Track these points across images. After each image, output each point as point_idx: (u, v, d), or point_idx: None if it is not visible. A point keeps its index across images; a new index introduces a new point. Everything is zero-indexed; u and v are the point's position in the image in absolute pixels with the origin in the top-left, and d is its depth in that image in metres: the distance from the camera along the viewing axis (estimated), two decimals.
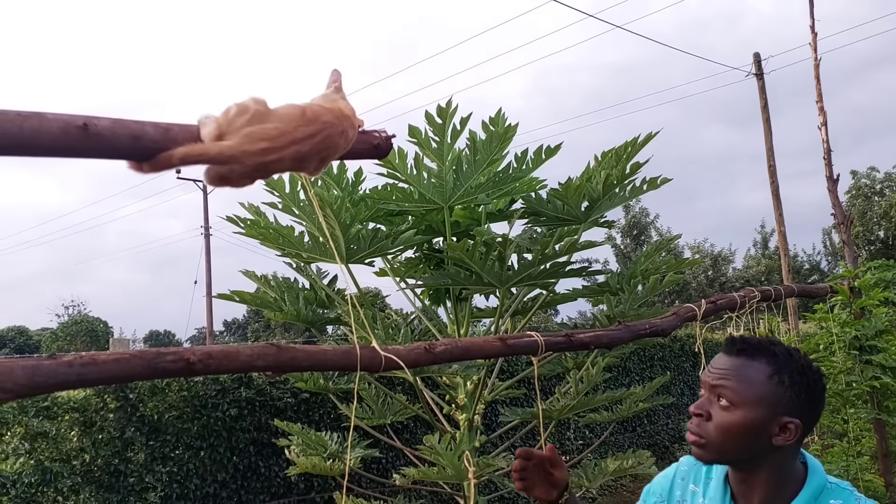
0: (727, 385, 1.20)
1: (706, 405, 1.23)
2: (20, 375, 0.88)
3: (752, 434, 1.18)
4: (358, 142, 1.05)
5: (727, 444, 1.20)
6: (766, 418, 1.17)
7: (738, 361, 1.21)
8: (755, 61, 13.65)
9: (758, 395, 1.18)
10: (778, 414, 1.17)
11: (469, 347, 1.48)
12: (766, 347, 1.22)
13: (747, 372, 1.20)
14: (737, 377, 1.20)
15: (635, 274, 3.45)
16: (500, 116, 3.33)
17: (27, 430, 4.39)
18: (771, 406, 1.17)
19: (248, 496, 5.09)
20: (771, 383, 1.18)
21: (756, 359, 1.20)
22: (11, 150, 0.76)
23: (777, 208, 13.04)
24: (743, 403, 1.18)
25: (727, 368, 1.22)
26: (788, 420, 1.17)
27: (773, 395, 1.17)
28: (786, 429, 1.17)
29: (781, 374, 1.18)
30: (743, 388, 1.19)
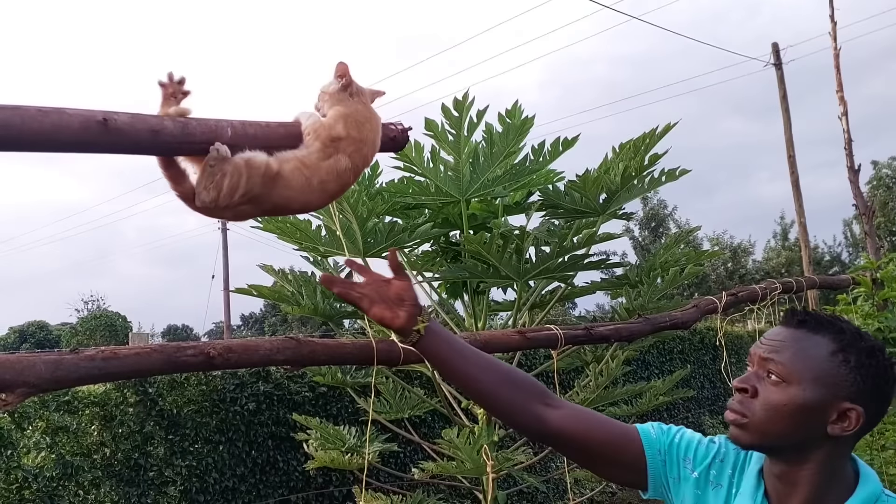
0: (780, 359, 1.04)
1: (753, 380, 1.07)
2: (43, 370, 0.89)
3: (804, 416, 1.03)
4: None
5: (772, 426, 1.04)
6: (823, 400, 1.02)
7: (797, 334, 1.06)
8: (773, 51, 13.50)
9: (816, 373, 1.02)
10: (838, 398, 1.02)
11: (488, 341, 1.47)
12: (833, 322, 1.06)
13: (806, 345, 1.04)
14: (793, 350, 1.04)
15: (654, 266, 3.42)
16: (516, 109, 3.30)
17: (48, 425, 4.44)
18: (831, 387, 1.02)
19: (267, 490, 5.12)
20: (834, 361, 1.02)
21: (819, 333, 1.05)
22: (32, 146, 0.76)
23: (797, 199, 12.91)
24: (797, 380, 1.03)
25: (783, 340, 1.06)
26: (850, 406, 1.01)
27: (835, 375, 1.02)
28: (845, 416, 1.02)
29: (847, 353, 1.03)
30: (799, 362, 1.03)
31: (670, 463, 1.20)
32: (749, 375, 1.09)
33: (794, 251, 26.75)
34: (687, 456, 1.20)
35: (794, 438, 1.04)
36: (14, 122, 0.73)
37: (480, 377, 1.19)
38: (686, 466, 1.19)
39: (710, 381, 9.64)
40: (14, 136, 0.73)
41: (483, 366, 1.21)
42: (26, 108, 0.74)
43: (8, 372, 0.85)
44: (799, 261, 18.43)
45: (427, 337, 1.20)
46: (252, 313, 45.79)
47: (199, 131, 0.86)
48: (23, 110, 0.74)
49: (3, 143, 0.74)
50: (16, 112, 0.74)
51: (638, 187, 3.31)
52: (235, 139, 0.90)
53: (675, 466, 1.20)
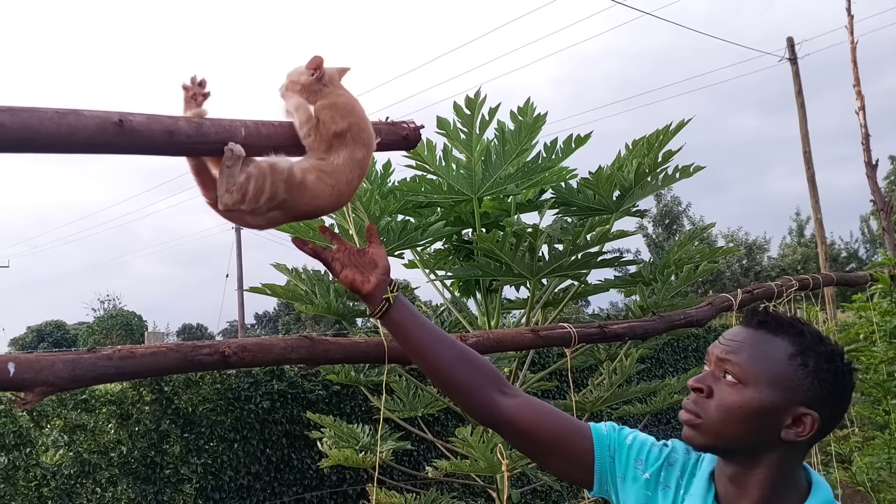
0: (737, 360, 1.02)
1: (709, 379, 1.05)
2: (61, 369, 0.90)
3: (758, 419, 1.00)
4: (387, 133, 1.05)
5: (726, 428, 1.02)
6: (778, 404, 0.99)
7: (755, 335, 1.04)
8: (788, 46, 13.38)
9: (773, 375, 1.00)
10: (794, 402, 0.99)
11: (501, 339, 1.47)
12: (794, 325, 1.03)
13: (765, 347, 1.02)
14: (751, 351, 1.02)
15: (668, 264, 3.40)
16: (528, 106, 3.30)
17: (66, 423, 4.49)
18: (787, 391, 1.00)
19: (282, 488, 5.15)
20: (792, 364, 1.00)
21: (779, 335, 1.02)
22: (50, 147, 0.77)
23: (813, 195, 12.80)
24: (754, 382, 1.00)
25: (741, 341, 1.04)
26: (805, 411, 0.99)
27: (792, 379, 1.00)
28: (800, 421, 1.00)
29: (806, 356, 1.00)
30: (756, 364, 1.01)
31: (619, 461, 1.18)
32: (705, 375, 1.06)
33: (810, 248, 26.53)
34: (639, 457, 1.18)
35: (748, 441, 1.02)
36: (32, 124, 0.74)
37: (442, 353, 1.20)
38: (638, 467, 1.17)
39: None
40: (32, 138, 0.74)
41: (446, 343, 1.22)
42: (43, 109, 0.75)
43: (27, 371, 0.86)
44: (815, 257, 18.28)
45: (395, 306, 1.21)
46: (266, 312, 46.04)
47: (213, 131, 0.87)
48: (40, 112, 0.75)
49: (22, 145, 0.75)
50: (33, 114, 0.74)
51: (652, 184, 3.30)
52: (249, 139, 0.90)
53: (624, 466, 1.18)
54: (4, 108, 0.73)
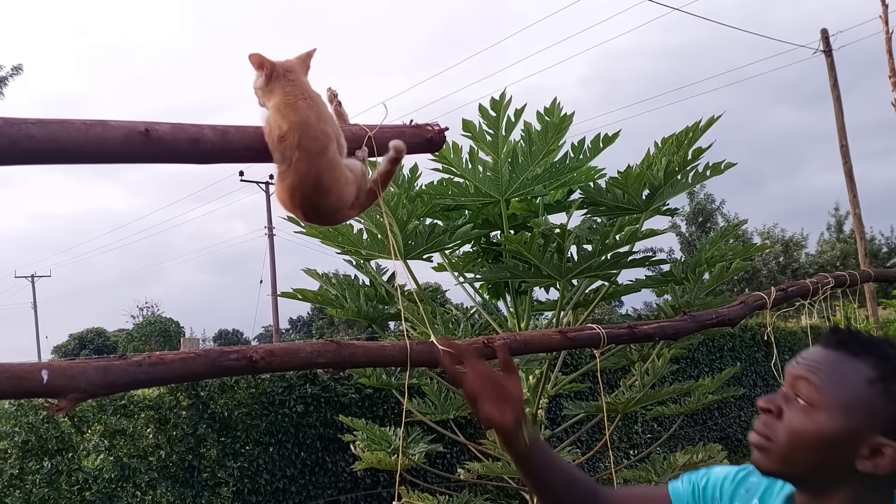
0: (812, 380, 0.93)
1: (779, 400, 0.97)
2: (93, 376, 0.92)
3: (829, 448, 0.91)
4: (411, 136, 1.05)
5: (794, 454, 0.93)
6: (853, 432, 0.90)
7: (835, 356, 0.94)
8: (823, 38, 13.11)
9: (849, 401, 0.91)
10: (872, 430, 0.89)
11: (529, 341, 1.46)
12: (879, 346, 0.93)
13: (843, 370, 0.93)
14: (827, 373, 0.93)
15: (700, 262, 3.36)
16: (555, 106, 3.28)
17: (106, 428, 4.58)
18: (864, 418, 0.90)
19: (317, 491, 5.19)
20: (872, 390, 0.90)
21: (860, 357, 0.92)
22: (78, 158, 0.79)
23: (851, 190, 12.52)
24: (827, 406, 0.91)
25: (817, 361, 0.95)
26: (885, 442, 0.89)
27: (871, 406, 0.90)
28: (879, 452, 0.89)
29: (889, 382, 0.90)
30: (832, 387, 0.92)
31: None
32: (776, 395, 0.99)
33: (849, 243, 25.94)
34: (714, 496, 1.13)
35: (819, 471, 0.93)
36: (61, 135, 0.76)
37: (558, 481, 1.22)
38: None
39: (762, 379, 9.40)
40: (61, 149, 0.76)
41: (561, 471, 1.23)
42: (71, 121, 0.77)
43: (60, 378, 0.89)
44: (854, 253, 17.87)
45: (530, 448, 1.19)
46: (300, 317, 46.47)
47: (238, 139, 0.88)
48: (68, 123, 0.77)
49: (52, 156, 0.77)
50: (62, 126, 0.77)
51: (682, 182, 3.25)
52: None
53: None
54: (35, 121, 0.76)
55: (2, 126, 0.73)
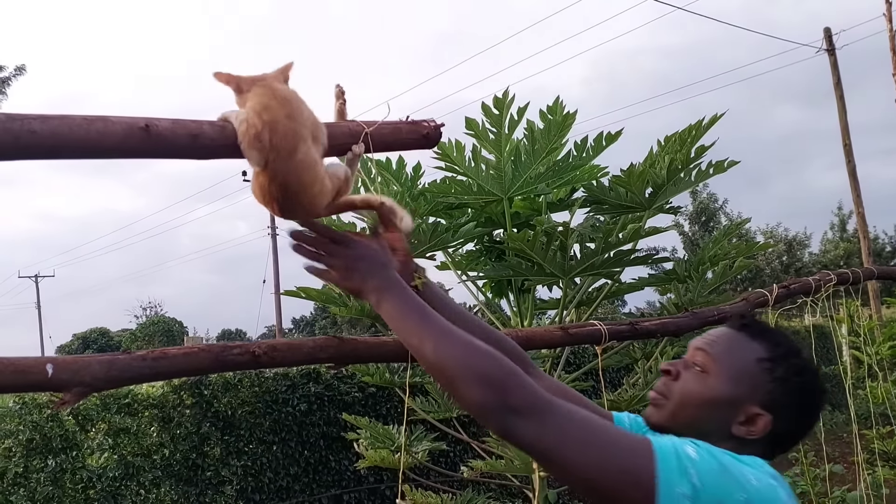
0: (708, 350, 1.06)
1: (679, 365, 1.09)
2: (97, 370, 0.92)
3: (711, 409, 1.03)
4: (408, 132, 1.06)
5: (682, 411, 1.05)
6: (735, 399, 1.02)
7: (735, 335, 1.07)
8: (826, 36, 13.09)
9: (737, 372, 1.03)
10: (751, 401, 1.02)
11: (531, 337, 1.47)
12: (775, 334, 1.07)
13: (738, 346, 1.06)
14: (723, 347, 1.06)
15: (703, 260, 3.35)
16: (557, 105, 3.28)
17: (110, 426, 4.60)
18: (746, 388, 1.03)
19: (320, 489, 5.20)
20: (759, 367, 1.03)
21: (756, 339, 1.06)
22: (80, 153, 0.79)
23: (854, 189, 12.50)
24: (717, 374, 1.04)
25: (718, 336, 1.08)
26: (759, 412, 1.02)
27: (754, 378, 1.03)
28: (753, 421, 1.02)
29: (775, 363, 1.03)
30: (725, 358, 1.04)
31: None
32: (678, 361, 1.10)
33: (852, 242, 25.88)
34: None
35: (699, 429, 1.03)
36: (62, 130, 0.77)
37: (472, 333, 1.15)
38: None
39: None
40: (62, 144, 0.77)
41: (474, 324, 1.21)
42: (72, 117, 0.78)
43: (65, 372, 0.89)
44: (858, 252, 17.83)
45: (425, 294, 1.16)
46: (303, 316, 46.52)
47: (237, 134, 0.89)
48: (69, 119, 0.77)
49: (53, 152, 0.78)
50: (63, 121, 0.77)
51: (685, 180, 3.25)
52: None
53: None
54: (36, 116, 0.76)
55: (4, 121, 0.74)
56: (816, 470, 3.99)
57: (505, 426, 0.92)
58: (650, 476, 0.88)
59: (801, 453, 3.96)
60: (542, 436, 0.91)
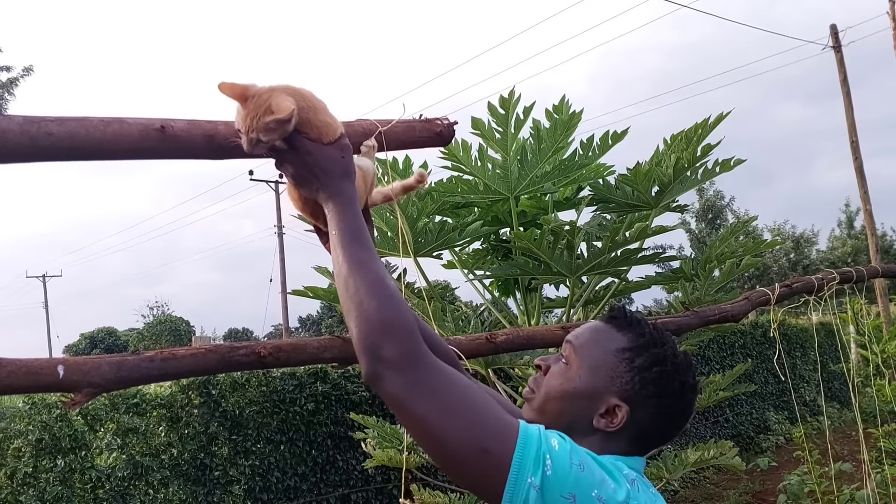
0: (573, 342, 1.06)
1: (551, 360, 1.09)
2: (107, 371, 0.94)
3: (571, 400, 1.02)
4: (421, 130, 1.06)
5: (547, 404, 1.05)
6: (593, 390, 1.01)
7: (602, 326, 1.07)
8: (832, 34, 13.04)
9: (596, 362, 1.02)
10: (609, 392, 1.01)
11: (531, 336, 1.47)
12: (641, 326, 1.05)
13: (601, 337, 1.05)
14: (587, 338, 1.06)
15: (710, 258, 3.35)
16: (563, 104, 3.28)
17: (119, 426, 4.61)
18: (605, 379, 1.01)
19: (328, 489, 5.21)
20: (618, 357, 1.02)
21: (622, 331, 1.05)
22: (96, 155, 0.80)
23: (862, 186, 12.45)
24: (577, 365, 1.03)
25: (586, 329, 1.08)
26: (618, 403, 1.00)
27: (613, 370, 1.02)
28: (612, 413, 1.01)
29: (635, 353, 1.02)
30: (586, 349, 1.04)
31: None
32: (550, 356, 1.10)
33: (860, 240, 25.77)
34: None
35: (563, 421, 1.02)
36: (79, 132, 0.78)
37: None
38: None
39: (773, 376, 9.36)
40: (79, 146, 0.78)
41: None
42: (89, 118, 0.79)
43: (75, 373, 0.90)
44: (866, 249, 17.75)
45: None
46: (309, 315, 46.60)
47: None
48: (86, 121, 0.78)
49: (71, 154, 0.79)
50: (80, 123, 0.78)
51: (691, 179, 3.25)
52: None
53: None
54: (54, 119, 0.77)
55: (22, 124, 0.75)
56: (824, 468, 3.98)
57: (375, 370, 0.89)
58: (506, 460, 0.86)
59: (805, 451, 3.96)
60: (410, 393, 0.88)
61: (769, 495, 6.58)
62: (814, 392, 9.91)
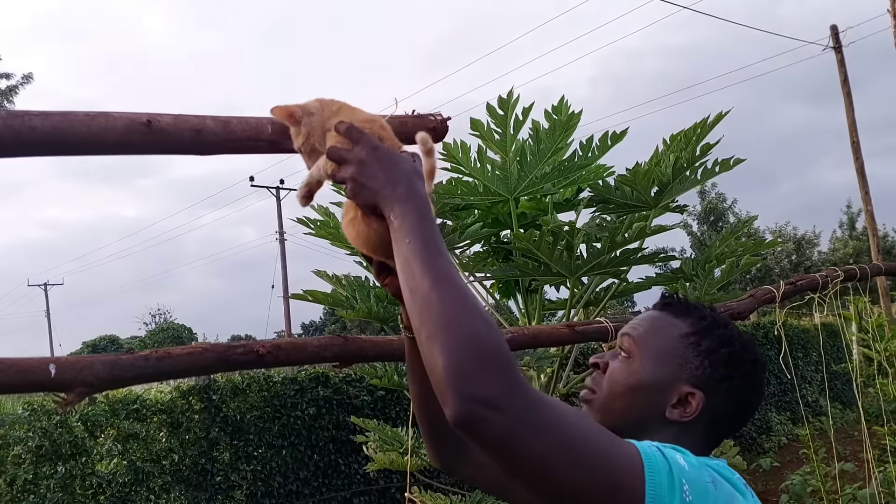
0: (632, 333, 1.01)
1: (607, 356, 1.03)
2: (101, 370, 0.92)
3: (642, 394, 0.97)
4: (414, 126, 1.04)
5: (613, 402, 0.98)
6: (663, 380, 0.96)
7: (658, 314, 1.03)
8: (832, 34, 13.04)
9: (662, 350, 0.98)
10: (680, 380, 0.96)
11: (537, 335, 1.46)
12: (700, 309, 1.02)
13: (661, 325, 1.00)
14: (646, 328, 1.00)
15: (710, 258, 3.34)
16: (562, 104, 3.27)
17: (119, 432, 4.60)
18: (674, 367, 0.97)
19: (330, 493, 5.20)
20: (684, 342, 0.98)
21: (681, 316, 1.00)
22: (81, 149, 0.79)
23: (863, 187, 12.43)
24: (642, 355, 0.98)
25: (642, 319, 1.03)
26: (690, 391, 0.95)
27: (681, 356, 0.97)
28: (686, 401, 0.96)
29: (700, 337, 0.98)
30: (648, 338, 0.99)
31: None
32: (605, 353, 1.04)
33: (862, 241, 25.75)
34: None
35: (633, 417, 0.97)
36: (63, 126, 0.77)
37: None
38: None
39: (775, 377, 9.34)
40: (64, 140, 0.77)
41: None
42: (74, 113, 0.78)
43: (68, 372, 0.89)
44: (868, 250, 17.72)
45: None
46: (312, 321, 46.56)
47: (240, 129, 0.88)
48: (71, 115, 0.77)
49: (55, 148, 0.78)
50: (65, 117, 0.77)
51: (691, 179, 3.24)
52: (275, 135, 0.91)
53: None
54: (38, 113, 0.76)
55: (5, 118, 0.74)
56: (827, 468, 3.96)
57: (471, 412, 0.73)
58: (639, 495, 0.77)
59: (811, 451, 3.93)
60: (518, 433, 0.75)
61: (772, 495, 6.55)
62: (816, 392, 9.88)
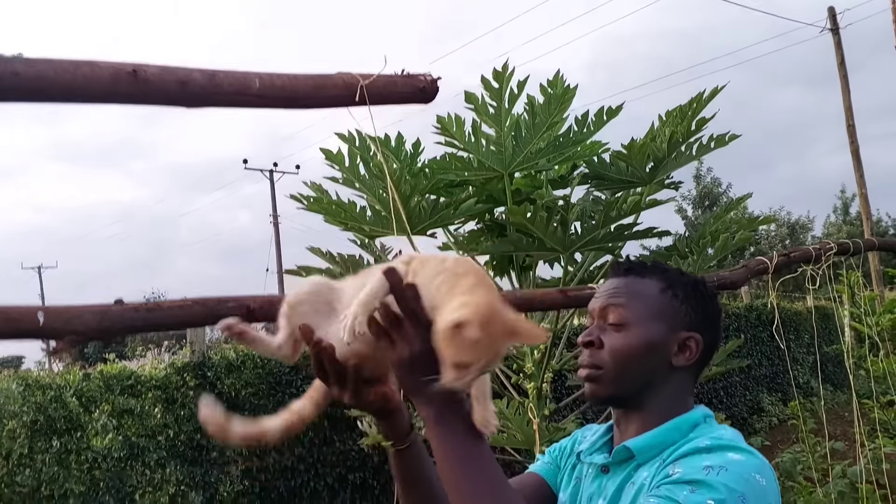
0: (618, 303, 1.07)
1: (596, 332, 1.08)
2: (90, 319, 0.93)
3: (650, 354, 1.05)
4: (403, 85, 1.04)
5: (624, 371, 1.05)
6: (664, 334, 1.05)
7: (626, 280, 1.10)
8: (830, 16, 12.99)
9: (652, 310, 1.06)
10: (676, 329, 1.06)
11: (530, 298, 1.47)
12: (656, 265, 1.12)
13: (638, 288, 1.08)
14: (627, 294, 1.08)
15: (704, 235, 3.34)
16: (558, 79, 3.26)
17: (114, 408, 4.62)
18: (667, 320, 1.06)
19: (325, 469, 5.23)
20: (665, 297, 1.07)
21: (646, 276, 1.09)
22: (65, 97, 0.79)
23: (857, 169, 12.45)
24: (637, 321, 1.05)
25: (616, 288, 1.09)
26: (688, 335, 1.06)
27: (669, 308, 1.07)
28: (686, 346, 1.06)
29: (674, 288, 1.08)
30: (636, 303, 1.06)
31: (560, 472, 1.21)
32: (591, 329, 1.09)
33: (855, 226, 25.80)
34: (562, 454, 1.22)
35: (644, 378, 1.06)
36: (48, 73, 0.76)
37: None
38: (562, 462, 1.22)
39: (767, 359, 9.40)
40: (47, 87, 0.76)
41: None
42: (59, 60, 0.77)
43: (56, 321, 0.89)
44: (861, 235, 17.78)
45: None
46: None
47: (227, 82, 0.88)
48: (56, 63, 0.77)
49: (38, 95, 0.77)
50: (50, 64, 0.77)
51: (686, 154, 3.24)
52: (263, 90, 0.91)
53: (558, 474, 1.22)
54: (22, 59, 0.76)
55: None
56: (817, 447, 4.01)
57: None
58: None
59: (803, 432, 3.97)
60: None
61: None
62: (808, 374, 9.95)
